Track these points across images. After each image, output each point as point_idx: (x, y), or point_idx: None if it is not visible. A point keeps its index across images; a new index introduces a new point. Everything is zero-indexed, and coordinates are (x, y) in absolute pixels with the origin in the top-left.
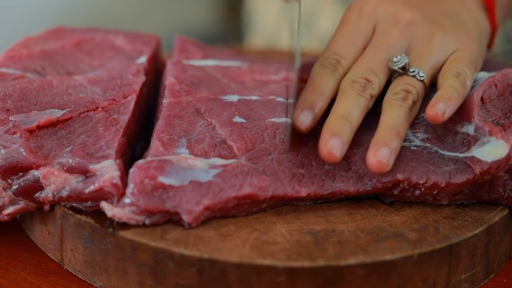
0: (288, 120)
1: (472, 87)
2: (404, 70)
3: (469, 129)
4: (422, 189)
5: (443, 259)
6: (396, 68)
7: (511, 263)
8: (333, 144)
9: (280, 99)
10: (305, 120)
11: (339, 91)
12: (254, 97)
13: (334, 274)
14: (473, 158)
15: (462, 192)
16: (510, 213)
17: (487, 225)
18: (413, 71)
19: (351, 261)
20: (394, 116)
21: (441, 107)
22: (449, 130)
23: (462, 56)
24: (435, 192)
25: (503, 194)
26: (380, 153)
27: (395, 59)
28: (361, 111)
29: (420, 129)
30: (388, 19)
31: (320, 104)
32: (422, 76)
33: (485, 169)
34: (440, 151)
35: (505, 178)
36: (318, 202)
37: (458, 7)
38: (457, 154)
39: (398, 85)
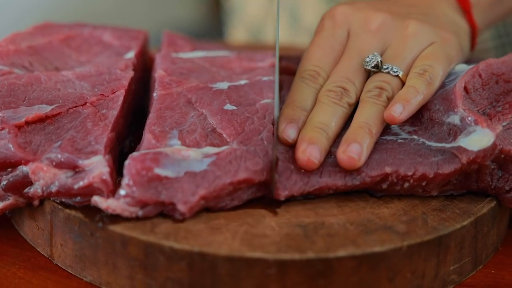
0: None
1: (454, 79)
2: (378, 68)
3: (455, 119)
4: (411, 181)
5: (432, 250)
6: (369, 67)
7: (499, 255)
8: (311, 151)
9: (266, 78)
10: (291, 133)
11: (317, 101)
12: (242, 82)
13: (324, 266)
14: (459, 148)
15: (451, 183)
16: (498, 204)
17: (475, 216)
18: (387, 68)
19: (341, 253)
20: (366, 113)
21: (397, 109)
22: (435, 121)
23: (436, 50)
24: (424, 184)
25: (490, 183)
26: (351, 149)
27: (367, 59)
28: (338, 119)
29: (407, 122)
30: (359, 25)
31: (303, 118)
32: (396, 71)
33: (471, 158)
34: (427, 142)
35: (492, 167)
36: (308, 197)
37: (430, 10)
38: (444, 144)
39: (371, 82)
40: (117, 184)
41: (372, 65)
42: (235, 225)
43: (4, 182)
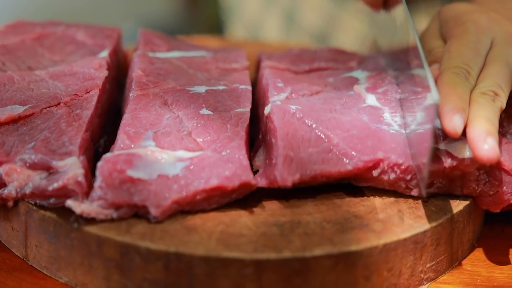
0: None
1: None
2: None
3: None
4: (398, 172)
5: (408, 248)
6: None
7: (474, 252)
8: (489, 143)
9: (243, 86)
10: (459, 123)
11: (471, 101)
12: (221, 87)
13: (301, 265)
14: (445, 152)
15: (434, 185)
16: (473, 202)
17: (451, 214)
18: None
19: (317, 252)
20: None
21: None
22: None
23: None
24: (408, 178)
25: (476, 189)
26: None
27: None
28: (497, 118)
29: (397, 114)
30: (505, 37)
31: (467, 109)
32: None
33: (454, 164)
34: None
35: (477, 174)
36: (285, 195)
37: None
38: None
39: None
40: (91, 185)
41: None
42: (211, 225)
43: None
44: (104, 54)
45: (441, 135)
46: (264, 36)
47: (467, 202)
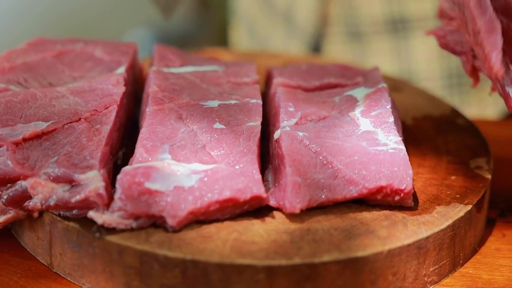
0: None
1: None
2: None
3: None
4: (402, 195)
5: (412, 253)
6: None
7: (476, 255)
8: None
9: (253, 101)
10: None
11: None
12: (232, 101)
13: (310, 271)
14: None
15: None
16: (474, 207)
17: (453, 220)
18: None
19: (325, 258)
20: None
21: None
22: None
23: None
24: (410, 201)
25: None
26: None
27: None
28: None
29: (390, 132)
30: None
31: None
32: None
33: None
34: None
35: None
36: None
37: None
38: None
39: None
40: (112, 196)
41: None
42: (225, 233)
43: (5, 197)
44: (121, 70)
45: None
46: (272, 47)
47: (468, 208)
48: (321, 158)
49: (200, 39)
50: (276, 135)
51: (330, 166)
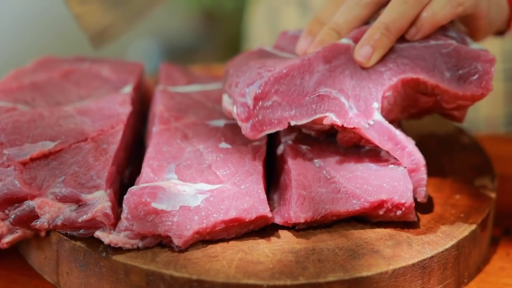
0: None
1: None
2: None
3: None
4: (403, 209)
5: (416, 273)
6: None
7: (480, 274)
8: None
9: None
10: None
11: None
12: None
13: None
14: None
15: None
16: (479, 227)
17: (457, 239)
18: None
19: (330, 278)
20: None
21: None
22: None
23: None
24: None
25: None
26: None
27: None
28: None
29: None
30: None
31: None
32: None
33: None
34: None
35: None
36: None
37: None
38: None
39: None
40: (118, 216)
41: None
42: (231, 252)
43: (12, 217)
44: (128, 89)
45: None
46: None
47: (473, 228)
48: (324, 172)
49: (207, 51)
50: (280, 150)
51: (333, 181)
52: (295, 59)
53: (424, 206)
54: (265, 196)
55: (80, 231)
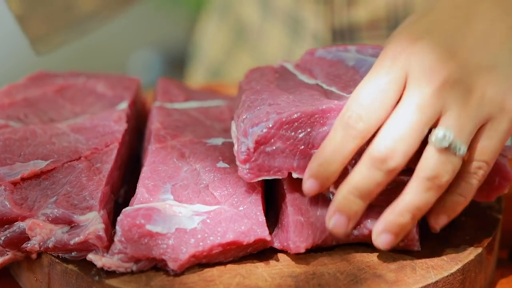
0: None
1: None
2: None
3: None
4: (406, 241)
5: None
6: (439, 146)
7: None
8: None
9: None
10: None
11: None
12: None
13: None
14: None
15: None
16: (485, 250)
17: (463, 263)
18: (455, 147)
19: None
20: (414, 197)
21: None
22: None
23: (499, 126)
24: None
25: None
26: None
27: (439, 135)
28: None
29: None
30: (421, 71)
31: None
32: (462, 152)
33: None
34: None
35: None
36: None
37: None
38: None
39: (431, 159)
40: (112, 238)
41: (446, 145)
42: (228, 276)
43: (2, 238)
44: (124, 106)
45: None
46: (226, 77)
47: (479, 251)
48: (322, 195)
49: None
50: None
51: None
52: (309, 105)
53: (428, 228)
54: (264, 218)
55: (72, 253)
